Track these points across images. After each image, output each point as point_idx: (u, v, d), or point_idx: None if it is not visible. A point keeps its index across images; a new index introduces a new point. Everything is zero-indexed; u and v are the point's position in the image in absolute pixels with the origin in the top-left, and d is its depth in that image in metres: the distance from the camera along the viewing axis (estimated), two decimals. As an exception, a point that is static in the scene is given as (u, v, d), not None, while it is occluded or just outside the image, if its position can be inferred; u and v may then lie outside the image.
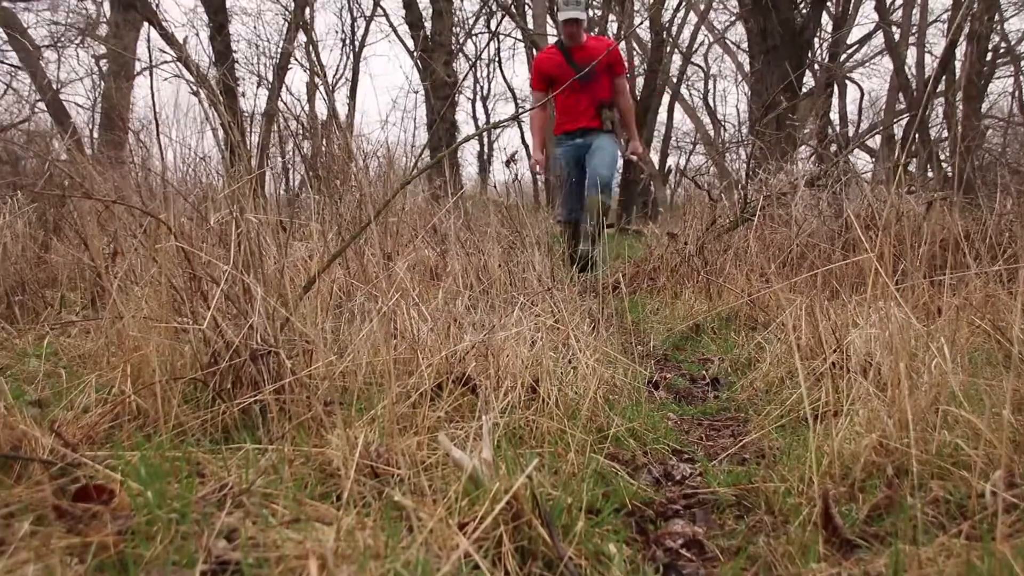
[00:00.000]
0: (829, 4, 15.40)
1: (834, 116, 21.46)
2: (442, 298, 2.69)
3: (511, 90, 30.37)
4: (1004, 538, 1.17)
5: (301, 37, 14.45)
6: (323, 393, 2.09)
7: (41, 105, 13.58)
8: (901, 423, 1.83)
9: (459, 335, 2.43)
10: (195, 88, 2.72)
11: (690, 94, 27.56)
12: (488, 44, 25.01)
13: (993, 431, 1.68)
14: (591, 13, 17.77)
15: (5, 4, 13.30)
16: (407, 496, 1.53)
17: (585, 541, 1.53)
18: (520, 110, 22.03)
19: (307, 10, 16.31)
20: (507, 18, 20.33)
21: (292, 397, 2.02)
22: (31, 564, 1.17)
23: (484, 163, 26.59)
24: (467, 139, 2.69)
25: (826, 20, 17.54)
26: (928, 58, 16.13)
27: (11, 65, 14.08)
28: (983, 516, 1.32)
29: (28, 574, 1.14)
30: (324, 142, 4.46)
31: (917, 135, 9.93)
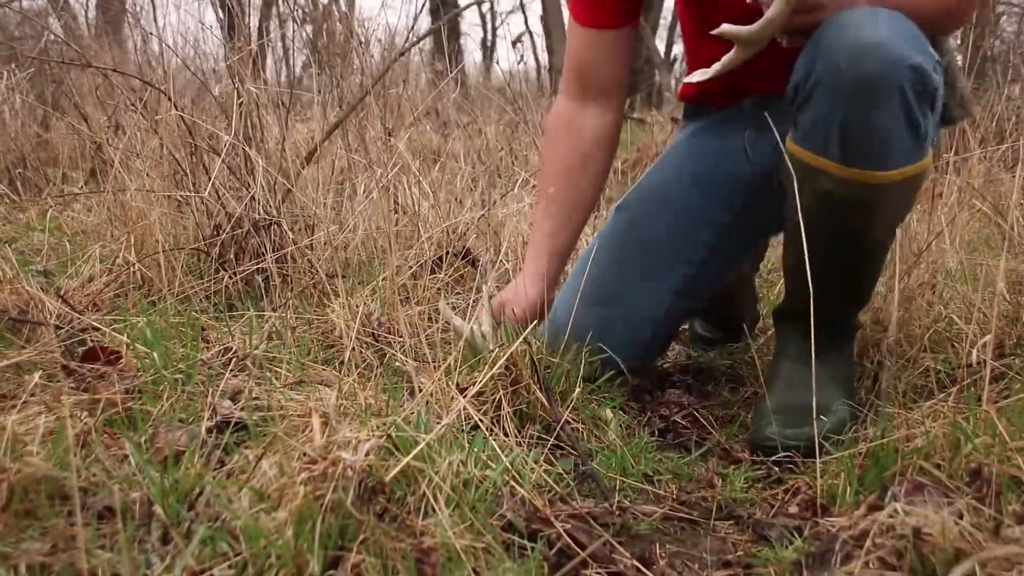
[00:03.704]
0: None
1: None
2: (443, 174, 2.69)
3: (515, -26, 29.63)
4: (990, 402, 1.20)
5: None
6: (324, 262, 2.11)
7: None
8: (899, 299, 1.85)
9: (459, 211, 2.43)
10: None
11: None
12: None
13: (987, 307, 1.70)
14: None
15: None
16: (408, 361, 1.56)
17: (583, 407, 1.57)
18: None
19: None
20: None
21: (294, 267, 2.04)
22: (42, 416, 1.21)
23: (488, 50, 26.16)
24: (467, 6, 2.65)
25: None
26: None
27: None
28: (971, 382, 1.35)
29: (40, 425, 1.17)
30: (325, 24, 4.38)
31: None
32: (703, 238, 1.74)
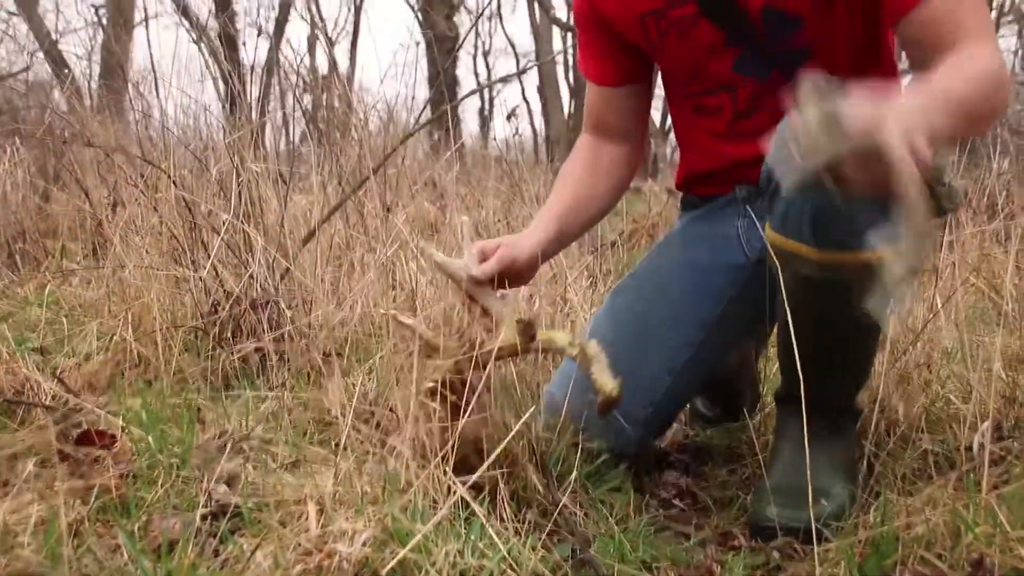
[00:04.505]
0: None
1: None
2: (442, 248, 2.70)
3: (512, 45, 30.23)
4: (990, 488, 1.19)
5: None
6: (321, 342, 2.11)
7: (40, 55, 13.47)
8: (895, 379, 1.85)
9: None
10: (195, 38, 2.71)
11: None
12: (489, 4, 24.72)
13: (984, 387, 1.70)
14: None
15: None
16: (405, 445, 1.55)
17: (581, 490, 1.56)
18: (526, 63, 21.82)
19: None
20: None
21: (292, 346, 2.04)
22: (35, 505, 1.20)
23: (485, 119, 26.47)
24: (468, 95, 2.69)
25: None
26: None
27: (8, 12, 13.94)
28: (970, 467, 1.34)
29: (32, 514, 1.16)
30: (324, 95, 4.44)
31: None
32: (700, 322, 1.73)
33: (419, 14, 16.71)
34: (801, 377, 1.32)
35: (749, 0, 1.54)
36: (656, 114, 17.96)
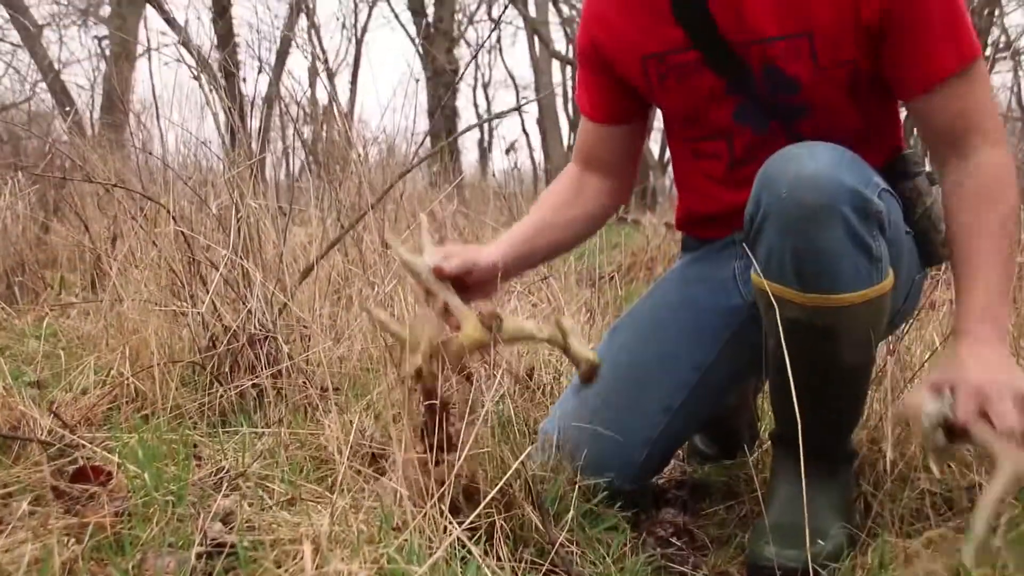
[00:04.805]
0: None
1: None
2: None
3: (512, 77, 30.43)
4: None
5: (303, 21, 14.43)
6: (319, 378, 2.11)
7: (42, 85, 13.55)
8: (892, 419, 1.84)
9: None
10: (195, 73, 2.73)
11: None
12: (490, 34, 24.91)
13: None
14: None
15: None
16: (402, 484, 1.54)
17: (578, 528, 1.55)
18: (523, 100, 21.96)
19: (309, -6, 16.25)
20: (509, 5, 20.18)
21: (289, 382, 2.04)
22: (29, 543, 1.19)
23: (484, 150, 26.53)
24: (466, 130, 2.71)
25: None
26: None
27: (12, 44, 14.03)
28: (969, 508, 1.33)
29: (26, 553, 1.16)
30: (324, 128, 4.46)
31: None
32: (695, 363, 1.73)
33: (419, 48, 16.80)
34: (792, 418, 1.32)
35: (751, 53, 1.55)
36: (655, 146, 18.02)
